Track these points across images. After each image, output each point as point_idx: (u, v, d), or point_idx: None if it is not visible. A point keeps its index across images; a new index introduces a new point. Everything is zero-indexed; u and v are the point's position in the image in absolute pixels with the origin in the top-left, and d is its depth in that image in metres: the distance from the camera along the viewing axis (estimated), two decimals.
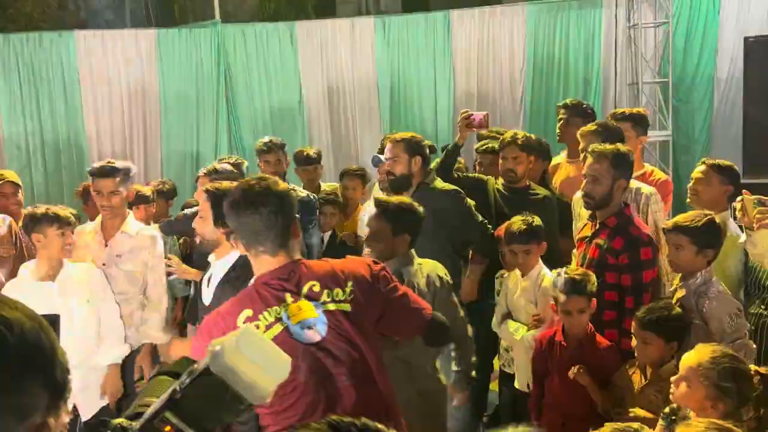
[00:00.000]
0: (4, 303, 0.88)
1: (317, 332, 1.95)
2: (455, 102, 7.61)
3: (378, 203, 3.01)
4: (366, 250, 3.12)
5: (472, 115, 4.00)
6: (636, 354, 2.73)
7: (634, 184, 3.41)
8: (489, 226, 3.70)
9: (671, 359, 2.63)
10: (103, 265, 3.48)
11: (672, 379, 2.22)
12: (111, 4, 9.67)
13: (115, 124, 7.32)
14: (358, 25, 7.62)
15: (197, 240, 2.96)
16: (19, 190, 4.25)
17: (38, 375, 0.86)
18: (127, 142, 7.36)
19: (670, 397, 2.22)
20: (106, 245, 3.54)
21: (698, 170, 3.47)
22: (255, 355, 1.08)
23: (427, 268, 2.90)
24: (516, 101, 7.68)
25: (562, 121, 4.40)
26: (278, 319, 1.94)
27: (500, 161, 3.95)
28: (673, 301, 2.84)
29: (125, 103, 7.31)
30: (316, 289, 1.99)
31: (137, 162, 7.35)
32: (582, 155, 3.44)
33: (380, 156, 4.05)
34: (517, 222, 3.30)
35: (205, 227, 2.77)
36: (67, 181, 7.00)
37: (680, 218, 2.88)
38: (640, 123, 3.95)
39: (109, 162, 3.60)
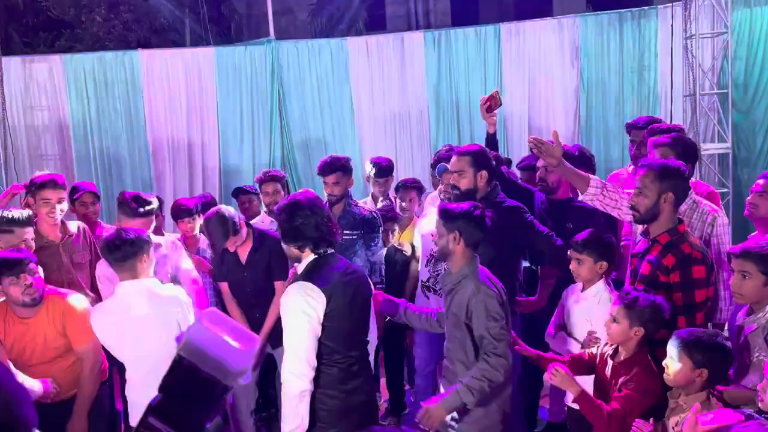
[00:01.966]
0: None
1: None
2: (505, 116, 7.60)
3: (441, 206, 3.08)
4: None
5: (487, 100, 4.00)
6: (665, 371, 2.62)
7: (702, 202, 3.36)
8: (556, 237, 3.60)
9: (700, 389, 2.49)
10: None
11: None
12: (172, 25, 10.07)
13: (176, 139, 7.62)
14: (408, 39, 7.71)
15: None
16: (98, 201, 4.54)
17: None
18: (186, 156, 7.64)
19: None
20: None
21: (759, 183, 3.38)
22: (218, 330, 1.07)
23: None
24: (570, 116, 7.60)
25: (633, 143, 4.35)
26: None
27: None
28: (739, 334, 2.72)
29: (185, 119, 7.60)
30: None
31: (196, 175, 7.64)
32: None
33: (446, 165, 4.07)
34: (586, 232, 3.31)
35: None
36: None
37: (750, 244, 2.78)
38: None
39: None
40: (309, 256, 2.83)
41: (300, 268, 2.84)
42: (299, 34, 9.43)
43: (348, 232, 4.14)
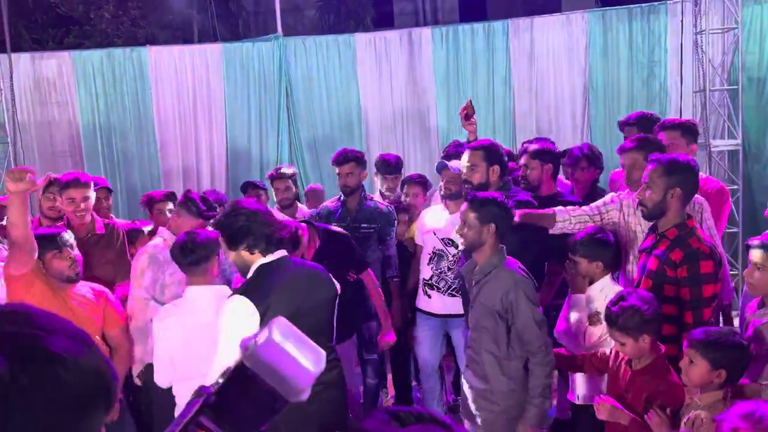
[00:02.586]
0: (46, 331, 0.82)
1: None
2: (514, 112, 7.57)
3: (468, 194, 3.11)
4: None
5: (463, 109, 4.04)
6: (681, 373, 2.58)
7: None
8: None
9: (719, 389, 2.46)
10: None
11: None
12: (180, 21, 10.11)
13: (184, 136, 7.64)
14: (416, 35, 7.69)
15: None
16: (110, 196, 4.60)
17: (99, 403, 0.85)
18: (194, 153, 7.67)
19: None
20: None
21: None
22: (289, 347, 1.04)
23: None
24: (578, 112, 7.56)
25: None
26: None
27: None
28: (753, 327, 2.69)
29: (193, 115, 7.62)
30: None
31: (204, 173, 7.66)
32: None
33: (446, 162, 4.06)
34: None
35: None
36: (141, 189, 7.34)
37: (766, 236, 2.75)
38: (689, 132, 3.84)
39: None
40: (256, 262, 2.66)
41: (248, 276, 2.69)
42: (307, 31, 9.45)
43: (365, 225, 4.18)
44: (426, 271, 4.14)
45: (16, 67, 7.35)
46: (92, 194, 3.90)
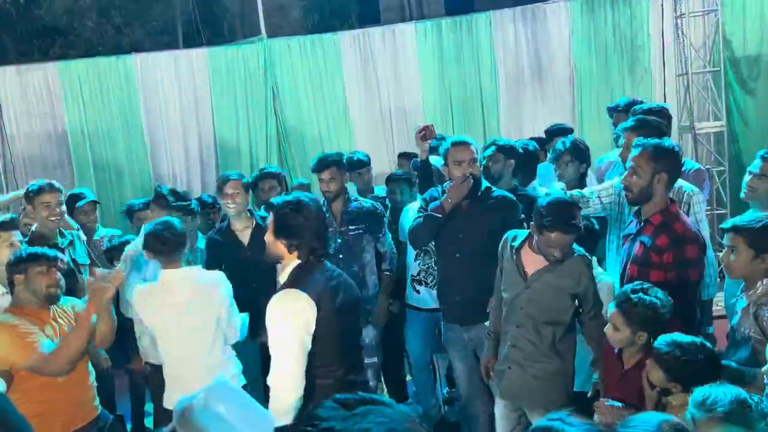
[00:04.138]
0: None
1: None
2: (500, 106, 7.60)
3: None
4: None
5: (423, 129, 4.07)
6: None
7: (677, 181, 3.37)
8: None
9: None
10: None
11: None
12: (164, 27, 10.08)
13: (172, 143, 7.64)
14: (400, 31, 7.70)
15: None
16: (96, 207, 4.65)
17: None
18: (184, 158, 7.68)
19: None
20: None
21: (755, 165, 3.38)
22: (229, 415, 0.97)
23: None
24: (566, 100, 7.60)
25: (615, 126, 4.36)
26: None
27: None
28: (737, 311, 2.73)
29: (181, 121, 7.62)
30: None
31: (195, 177, 7.68)
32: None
33: (418, 159, 4.12)
34: None
35: None
36: (133, 197, 7.34)
37: (740, 218, 2.79)
38: (661, 116, 3.87)
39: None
40: (292, 262, 2.72)
41: (283, 275, 2.74)
42: (293, 31, 9.44)
43: (353, 227, 4.12)
44: (413, 267, 4.18)
45: (2, 79, 7.35)
46: (63, 202, 3.99)
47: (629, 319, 2.67)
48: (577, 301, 3.14)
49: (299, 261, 2.71)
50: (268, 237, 2.77)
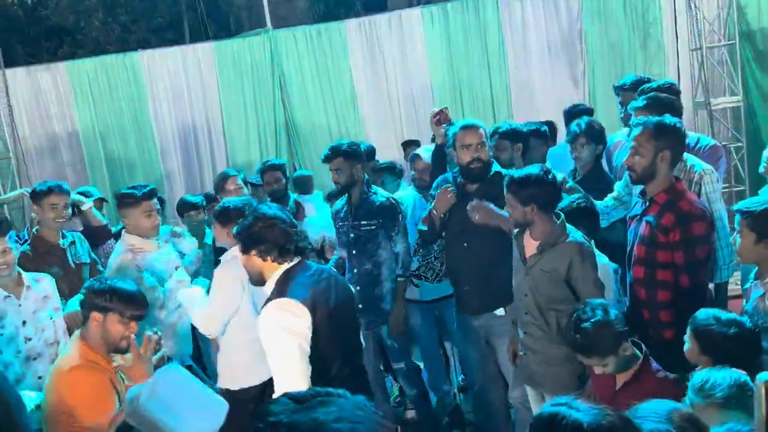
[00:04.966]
0: None
1: None
2: (510, 86, 7.48)
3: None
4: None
5: (437, 114, 3.94)
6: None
7: (688, 160, 3.26)
8: None
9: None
10: None
11: None
12: (170, 23, 10.11)
13: (182, 136, 7.68)
14: (406, 17, 7.62)
15: None
16: (103, 205, 4.68)
17: None
18: (194, 152, 7.70)
19: None
20: None
21: None
22: (177, 402, 0.94)
23: None
24: (578, 80, 7.46)
25: (623, 104, 4.25)
26: None
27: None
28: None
29: (190, 115, 7.65)
30: None
31: (205, 170, 7.70)
32: None
33: (417, 152, 4.04)
34: None
35: None
36: None
37: (747, 200, 2.69)
38: (671, 92, 3.75)
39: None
40: (275, 271, 2.60)
41: (269, 286, 2.61)
42: (299, 21, 9.38)
43: (365, 222, 3.89)
44: (412, 263, 4.09)
45: (12, 82, 7.42)
46: (69, 205, 3.93)
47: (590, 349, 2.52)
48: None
49: (280, 269, 2.59)
50: (242, 261, 2.67)
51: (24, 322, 3.24)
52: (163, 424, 0.91)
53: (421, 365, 4.78)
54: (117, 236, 4.01)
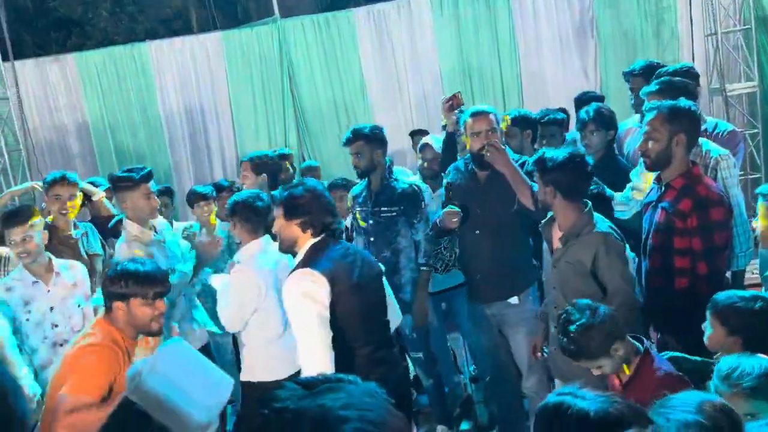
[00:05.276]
0: None
1: None
2: (521, 75, 7.39)
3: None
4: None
5: (449, 99, 3.87)
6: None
7: (704, 145, 3.19)
8: None
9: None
10: None
11: None
12: (178, 13, 10.07)
13: (191, 127, 7.66)
14: (414, 5, 7.53)
15: None
16: (112, 196, 4.60)
17: None
18: (203, 143, 7.68)
19: None
20: None
21: None
22: (179, 377, 0.92)
23: None
24: (589, 68, 7.36)
25: (633, 91, 4.16)
26: None
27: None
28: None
29: (199, 106, 7.62)
30: None
31: (215, 160, 7.68)
32: None
33: (428, 141, 3.98)
34: None
35: None
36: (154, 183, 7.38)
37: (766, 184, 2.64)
38: (688, 76, 3.66)
39: None
40: (307, 242, 2.71)
41: (298, 256, 2.74)
42: (308, 10, 9.31)
43: (386, 209, 3.79)
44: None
45: (22, 74, 7.43)
46: (79, 196, 3.91)
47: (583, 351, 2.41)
48: None
49: (313, 241, 2.69)
50: (279, 225, 2.74)
51: (51, 308, 3.28)
52: (167, 399, 0.87)
53: None
54: (113, 231, 3.93)
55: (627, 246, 3.00)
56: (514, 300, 3.48)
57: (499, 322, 3.59)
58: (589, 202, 2.92)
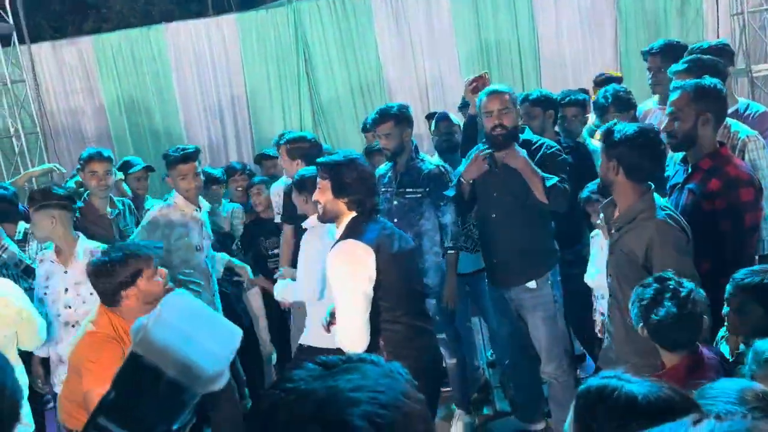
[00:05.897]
0: None
1: None
2: (540, 57, 7.24)
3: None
4: None
5: (474, 81, 3.76)
6: (726, 324, 2.28)
7: (732, 126, 3.09)
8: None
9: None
10: None
11: None
12: None
13: (207, 109, 7.63)
14: None
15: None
16: (148, 175, 4.68)
17: None
18: (219, 125, 7.65)
19: None
20: None
21: None
22: (187, 326, 0.89)
23: None
24: (609, 49, 7.21)
25: (652, 70, 4.04)
26: None
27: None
28: None
29: (215, 88, 7.59)
30: None
31: (230, 143, 7.65)
32: None
33: (447, 112, 3.93)
34: None
35: None
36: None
37: None
38: (722, 54, 3.53)
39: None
40: (347, 217, 2.75)
41: (340, 228, 2.77)
42: None
43: (411, 190, 3.70)
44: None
45: (38, 57, 7.44)
46: (113, 172, 3.93)
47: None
48: None
49: (353, 215, 2.74)
50: (325, 197, 2.75)
51: (66, 290, 3.31)
52: (174, 350, 0.85)
53: None
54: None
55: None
56: (532, 284, 3.42)
57: (517, 306, 3.54)
58: (653, 185, 2.61)
